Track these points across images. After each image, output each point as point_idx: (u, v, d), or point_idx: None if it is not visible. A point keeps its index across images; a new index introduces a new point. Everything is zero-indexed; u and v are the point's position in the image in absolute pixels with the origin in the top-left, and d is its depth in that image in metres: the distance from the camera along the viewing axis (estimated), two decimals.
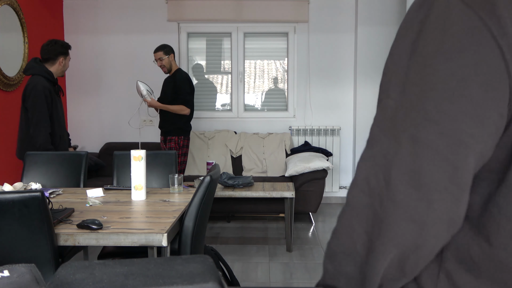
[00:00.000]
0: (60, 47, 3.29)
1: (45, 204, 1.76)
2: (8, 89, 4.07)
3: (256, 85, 5.44)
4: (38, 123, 3.09)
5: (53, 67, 3.27)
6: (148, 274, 0.68)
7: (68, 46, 3.36)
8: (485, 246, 0.60)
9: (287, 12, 5.22)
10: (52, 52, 3.26)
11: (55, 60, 3.27)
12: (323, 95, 5.38)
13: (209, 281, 0.66)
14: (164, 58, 4.07)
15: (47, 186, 2.89)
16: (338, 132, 5.31)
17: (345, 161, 5.43)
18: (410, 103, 0.58)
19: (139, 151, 2.31)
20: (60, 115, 3.31)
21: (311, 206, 4.43)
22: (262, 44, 5.39)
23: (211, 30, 5.33)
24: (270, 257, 3.58)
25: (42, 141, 3.10)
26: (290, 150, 5.08)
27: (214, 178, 2.25)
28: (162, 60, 4.08)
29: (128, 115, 5.23)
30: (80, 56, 5.31)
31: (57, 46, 3.28)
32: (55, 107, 3.21)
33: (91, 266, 0.70)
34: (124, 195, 2.48)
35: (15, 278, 0.70)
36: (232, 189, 3.77)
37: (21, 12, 4.25)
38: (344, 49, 5.35)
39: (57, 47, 3.27)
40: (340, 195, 5.45)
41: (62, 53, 3.29)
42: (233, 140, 5.09)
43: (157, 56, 4.08)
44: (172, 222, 1.94)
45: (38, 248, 1.79)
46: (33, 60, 3.27)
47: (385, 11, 5.15)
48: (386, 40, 5.17)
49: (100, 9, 5.28)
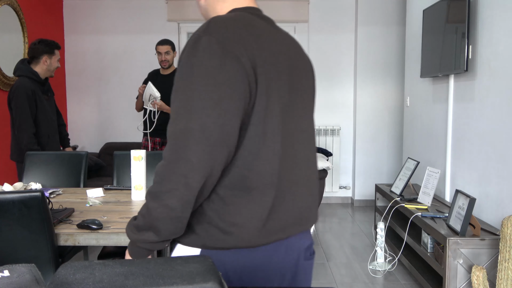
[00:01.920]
0: (44, 46, 3.24)
1: (45, 204, 1.76)
2: (8, 89, 4.07)
3: None
4: (20, 124, 3.10)
5: (38, 66, 3.24)
6: (148, 274, 0.68)
7: (54, 45, 3.30)
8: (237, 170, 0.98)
9: (287, 12, 5.22)
10: (35, 51, 3.23)
11: (39, 60, 3.23)
12: (323, 95, 5.38)
13: (209, 281, 0.66)
14: (171, 53, 3.92)
15: (47, 186, 2.89)
16: (338, 132, 5.31)
17: (345, 161, 5.43)
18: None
19: (139, 151, 2.31)
20: (49, 115, 3.30)
21: None
22: None
23: None
24: None
25: (26, 141, 3.10)
26: None
27: None
28: (169, 54, 3.95)
29: (128, 114, 5.23)
30: (80, 56, 5.31)
31: (40, 45, 3.24)
32: (41, 107, 3.20)
33: (91, 266, 0.70)
34: (124, 195, 2.48)
35: (15, 278, 0.70)
36: None
37: (21, 12, 4.25)
38: (344, 49, 5.34)
39: (40, 46, 3.23)
40: (340, 195, 5.45)
41: (46, 52, 3.24)
42: None
43: (165, 49, 3.88)
44: None
45: (38, 248, 1.79)
46: (20, 62, 3.27)
47: (385, 11, 5.14)
48: (386, 40, 5.17)
49: (100, 9, 5.28)
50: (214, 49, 0.93)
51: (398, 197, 3.38)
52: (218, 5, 1.11)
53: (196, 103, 0.92)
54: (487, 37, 2.80)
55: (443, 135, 3.45)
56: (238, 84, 0.93)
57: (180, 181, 0.92)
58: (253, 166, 0.98)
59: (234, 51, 0.93)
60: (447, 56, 3.20)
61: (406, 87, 4.39)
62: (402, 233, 3.28)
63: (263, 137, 0.98)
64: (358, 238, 4.07)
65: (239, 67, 0.93)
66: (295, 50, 1.12)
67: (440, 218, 2.84)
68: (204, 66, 0.92)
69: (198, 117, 0.91)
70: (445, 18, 3.25)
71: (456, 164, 3.25)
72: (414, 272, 2.99)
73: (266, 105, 0.97)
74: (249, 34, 0.98)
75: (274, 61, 1.01)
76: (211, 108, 0.91)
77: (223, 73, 0.92)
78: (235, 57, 0.93)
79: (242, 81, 0.93)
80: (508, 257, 2.00)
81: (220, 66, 0.92)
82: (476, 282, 2.10)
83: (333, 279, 3.14)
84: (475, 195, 2.94)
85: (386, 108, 5.25)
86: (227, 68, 0.92)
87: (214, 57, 0.92)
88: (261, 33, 1.01)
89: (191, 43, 0.95)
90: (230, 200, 0.99)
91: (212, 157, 0.92)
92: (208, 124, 0.91)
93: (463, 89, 3.13)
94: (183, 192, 0.92)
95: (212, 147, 0.92)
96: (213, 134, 0.91)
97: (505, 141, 2.60)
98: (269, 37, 1.03)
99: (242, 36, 0.96)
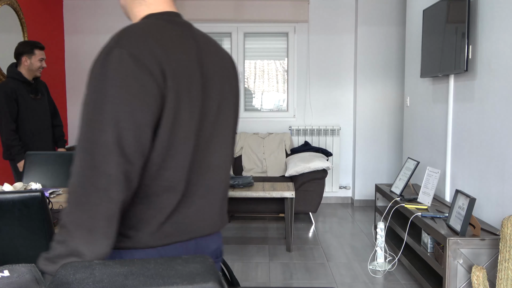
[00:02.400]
0: (21, 47, 3.37)
1: (45, 204, 1.76)
2: None
3: (256, 85, 5.44)
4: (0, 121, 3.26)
5: (20, 67, 3.37)
6: (148, 274, 0.68)
7: (34, 45, 3.39)
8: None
9: (287, 12, 5.22)
10: (15, 53, 3.38)
11: (20, 60, 3.37)
12: (323, 95, 5.38)
13: (209, 281, 0.66)
14: None
15: (47, 186, 2.89)
16: (338, 132, 5.31)
17: (345, 161, 5.43)
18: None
19: None
20: (37, 114, 3.42)
21: (311, 206, 4.43)
22: (262, 44, 5.39)
23: (211, 30, 5.33)
24: (270, 257, 3.58)
25: (5, 137, 3.26)
26: (290, 150, 5.08)
27: None
28: None
29: None
30: (80, 56, 5.31)
31: (18, 46, 3.38)
32: (23, 106, 3.32)
33: (91, 266, 0.70)
34: None
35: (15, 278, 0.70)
36: (232, 189, 3.77)
37: (21, 12, 4.25)
38: (344, 49, 5.34)
39: (19, 47, 3.37)
40: (340, 195, 5.45)
41: (25, 53, 3.35)
42: None
43: None
44: None
45: (38, 248, 1.79)
46: (11, 63, 3.43)
47: (385, 11, 5.15)
48: (386, 40, 5.17)
49: (100, 9, 5.28)
50: (126, 61, 0.94)
51: (398, 197, 3.38)
52: (135, 8, 1.12)
53: (109, 115, 0.91)
54: (487, 37, 2.80)
55: (443, 135, 3.45)
56: (149, 97, 0.94)
57: (102, 197, 0.90)
58: (157, 176, 1.01)
59: (146, 63, 0.95)
60: (447, 56, 3.20)
61: (406, 87, 4.39)
62: (402, 233, 3.28)
63: (170, 148, 1.00)
64: (358, 238, 4.07)
65: (151, 80, 0.95)
66: (213, 56, 1.13)
67: (440, 218, 2.84)
68: (116, 79, 0.93)
69: (113, 129, 0.91)
70: (445, 18, 3.25)
71: (456, 164, 3.25)
72: (414, 272, 2.99)
73: (174, 117, 0.99)
74: (160, 45, 0.99)
75: (185, 72, 1.03)
76: (124, 120, 0.92)
77: (136, 86, 0.93)
78: (147, 70, 0.95)
79: (153, 94, 0.95)
80: (508, 257, 2.00)
81: (133, 79, 0.93)
82: (476, 282, 2.10)
83: (333, 279, 3.14)
84: (475, 195, 2.94)
85: (386, 108, 5.25)
86: (140, 80, 0.94)
87: (127, 70, 0.93)
88: (172, 44, 1.03)
89: (103, 55, 0.95)
90: (131, 205, 1.01)
91: (130, 168, 0.93)
92: (124, 137, 0.92)
93: (463, 89, 3.13)
94: (107, 206, 0.90)
95: (129, 158, 0.92)
96: (130, 147, 0.92)
97: (505, 141, 2.60)
98: (181, 46, 1.05)
99: (153, 48, 0.98)
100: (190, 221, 1.10)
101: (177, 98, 1.00)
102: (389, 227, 3.83)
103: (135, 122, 0.93)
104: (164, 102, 0.97)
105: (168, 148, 1.00)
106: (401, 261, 3.33)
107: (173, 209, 1.05)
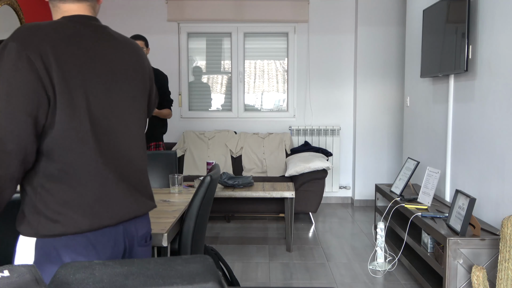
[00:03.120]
0: None
1: None
2: None
3: (256, 85, 5.44)
4: None
5: None
6: (148, 274, 0.68)
7: None
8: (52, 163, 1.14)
9: (287, 12, 5.22)
10: None
11: None
12: (323, 95, 5.38)
13: (209, 281, 0.66)
14: (144, 49, 3.53)
15: None
16: (338, 132, 5.31)
17: (345, 161, 5.43)
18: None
19: None
20: None
21: (311, 206, 4.43)
22: (262, 44, 5.39)
23: (211, 30, 5.33)
24: (270, 257, 3.58)
25: None
26: (290, 150, 5.08)
27: (214, 178, 2.25)
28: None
29: None
30: None
31: None
32: None
33: (91, 266, 0.70)
34: None
35: (15, 278, 0.70)
36: (232, 189, 3.77)
37: (21, 12, 4.25)
38: (344, 49, 5.35)
39: None
40: (340, 195, 5.45)
41: None
42: (233, 140, 5.09)
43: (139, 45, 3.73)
44: (172, 222, 1.94)
45: None
46: None
47: (385, 11, 5.15)
48: (386, 40, 5.17)
49: (100, 9, 5.28)
50: (12, 54, 1.07)
51: (398, 197, 3.38)
52: (54, 11, 1.26)
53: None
54: (487, 37, 2.80)
55: (443, 135, 3.45)
56: (29, 86, 1.07)
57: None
58: (70, 160, 1.14)
59: (29, 55, 1.07)
60: (447, 56, 3.20)
61: (406, 87, 4.39)
62: (402, 233, 3.28)
63: (73, 133, 1.13)
64: (358, 238, 4.07)
65: (31, 70, 1.07)
66: (122, 55, 1.28)
67: (440, 218, 2.84)
68: (4, 70, 1.06)
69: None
70: (445, 18, 3.25)
71: (456, 164, 3.25)
72: (414, 272, 2.99)
73: (70, 105, 1.12)
74: (54, 39, 1.12)
75: (84, 66, 1.16)
76: (2, 106, 1.06)
77: (17, 77, 1.06)
78: (29, 61, 1.07)
79: (34, 84, 1.07)
80: (508, 257, 2.00)
81: (15, 70, 1.06)
82: (476, 282, 2.10)
83: (333, 279, 3.14)
84: (475, 195, 2.94)
85: (386, 108, 5.25)
86: (20, 71, 1.06)
87: (12, 62, 1.06)
88: (68, 39, 1.15)
89: (0, 49, 1.09)
90: (55, 191, 1.14)
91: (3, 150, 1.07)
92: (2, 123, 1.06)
93: (463, 89, 3.13)
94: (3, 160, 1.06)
95: (3, 141, 1.06)
96: (1, 130, 1.06)
97: (505, 141, 2.60)
98: (85, 43, 1.19)
99: (43, 42, 1.10)
100: (114, 206, 1.21)
101: (72, 89, 1.13)
102: (389, 227, 3.83)
103: (8, 108, 1.06)
104: (53, 91, 1.10)
105: (72, 133, 1.13)
106: (401, 261, 3.34)
107: (95, 194, 1.18)
